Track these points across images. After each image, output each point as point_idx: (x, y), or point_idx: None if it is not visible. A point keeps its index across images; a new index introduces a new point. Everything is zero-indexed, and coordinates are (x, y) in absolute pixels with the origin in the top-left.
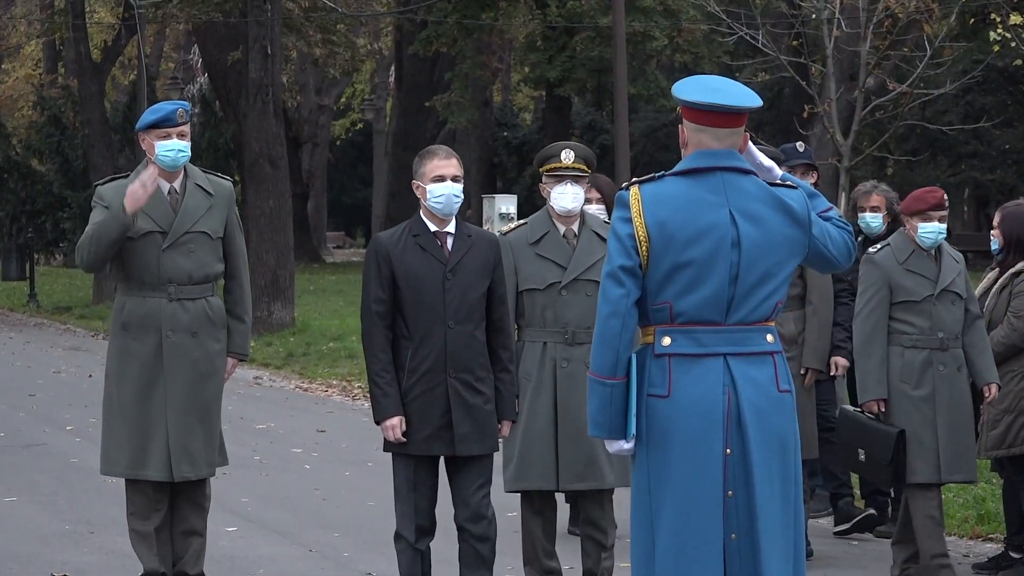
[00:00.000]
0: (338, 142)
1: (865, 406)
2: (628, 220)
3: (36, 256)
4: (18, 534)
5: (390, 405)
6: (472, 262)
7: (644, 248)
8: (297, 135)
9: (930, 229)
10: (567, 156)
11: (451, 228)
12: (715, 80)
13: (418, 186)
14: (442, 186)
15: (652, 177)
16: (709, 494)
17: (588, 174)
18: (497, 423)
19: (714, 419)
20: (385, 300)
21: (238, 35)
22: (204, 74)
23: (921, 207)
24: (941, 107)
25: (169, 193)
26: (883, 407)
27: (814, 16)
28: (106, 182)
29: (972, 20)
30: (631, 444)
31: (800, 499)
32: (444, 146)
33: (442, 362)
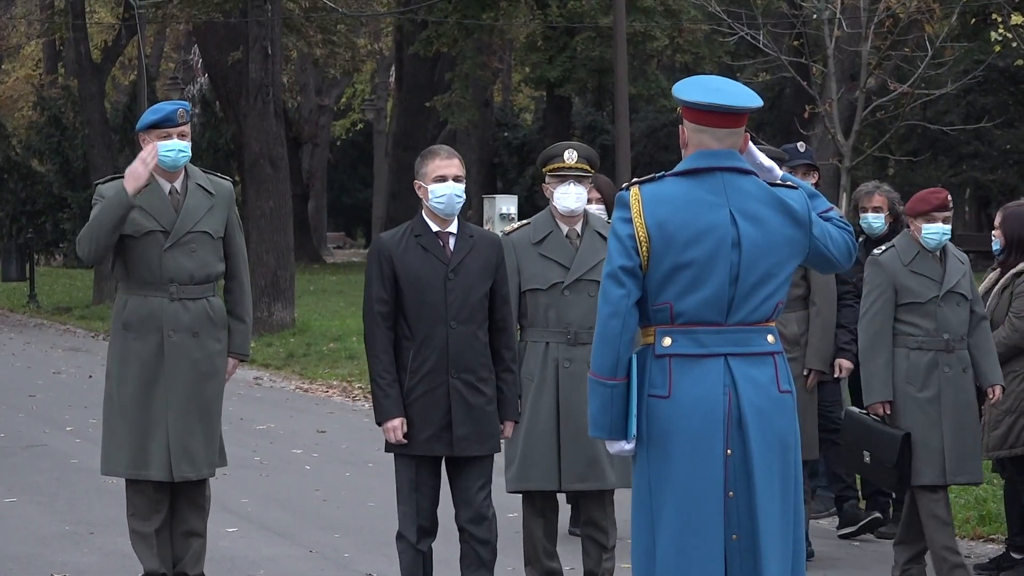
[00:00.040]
0: (338, 142)
1: (871, 408)
2: (628, 220)
3: (36, 257)
4: (18, 535)
5: (391, 407)
6: (474, 262)
7: (644, 248)
8: (297, 135)
9: (934, 230)
10: (570, 156)
11: (453, 228)
12: (715, 80)
13: (420, 186)
14: (444, 186)
15: (652, 177)
16: (710, 495)
17: (591, 174)
18: (499, 424)
19: (715, 420)
20: (387, 300)
21: (238, 35)
22: (204, 74)
23: (925, 208)
24: (942, 107)
25: (170, 193)
26: (888, 409)
27: (815, 16)
28: (106, 181)
29: (973, 20)
30: (632, 445)
31: (800, 500)
32: (446, 146)
33: (444, 362)
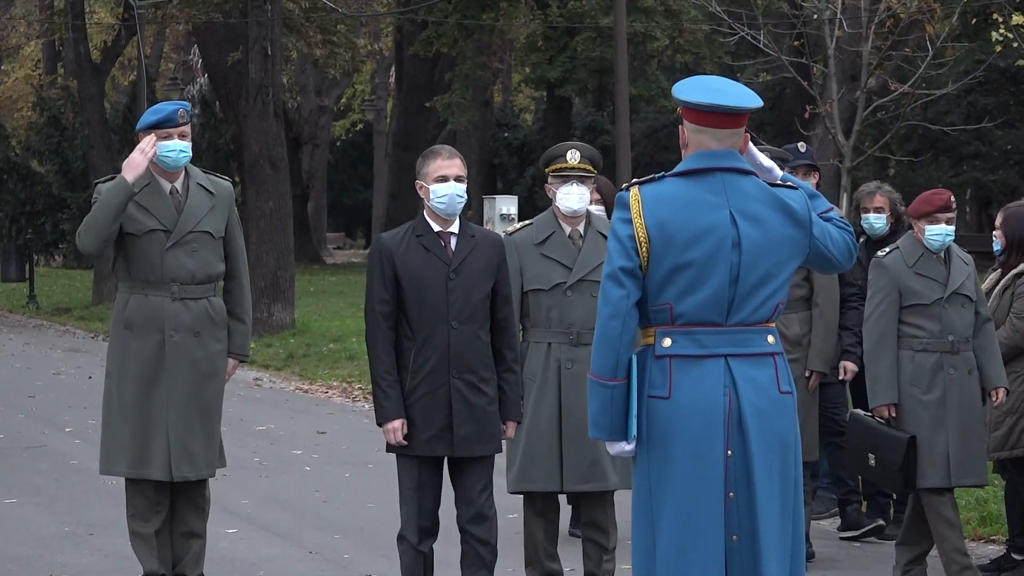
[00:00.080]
0: (338, 143)
1: (876, 411)
2: (628, 221)
3: (36, 257)
4: (17, 536)
5: (392, 408)
6: (476, 262)
7: (644, 249)
8: (297, 136)
9: (937, 232)
10: (573, 156)
11: (455, 228)
12: (715, 81)
13: (421, 186)
14: (445, 186)
15: (652, 178)
16: (710, 495)
17: (594, 174)
18: (501, 424)
19: (715, 420)
20: (388, 301)
21: (238, 35)
22: (204, 75)
23: (928, 210)
24: (943, 107)
25: (171, 193)
26: (894, 412)
27: (816, 16)
28: (106, 180)
29: (974, 20)
30: (632, 446)
31: (800, 501)
32: (447, 146)
33: (445, 363)
